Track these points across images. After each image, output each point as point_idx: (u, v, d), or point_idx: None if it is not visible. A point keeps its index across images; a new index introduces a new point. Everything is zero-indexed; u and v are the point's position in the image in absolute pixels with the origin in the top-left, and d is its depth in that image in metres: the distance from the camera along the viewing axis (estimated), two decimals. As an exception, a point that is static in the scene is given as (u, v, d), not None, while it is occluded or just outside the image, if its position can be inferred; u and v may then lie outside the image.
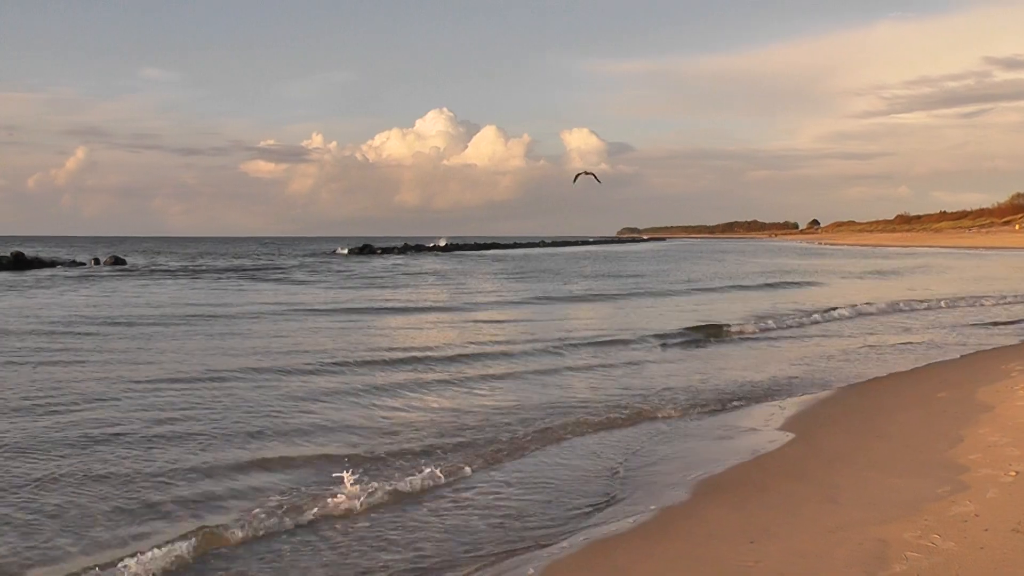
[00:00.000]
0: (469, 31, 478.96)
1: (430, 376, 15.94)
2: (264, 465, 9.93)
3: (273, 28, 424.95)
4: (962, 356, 18.84)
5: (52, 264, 62.29)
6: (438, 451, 10.68)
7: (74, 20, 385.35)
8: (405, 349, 19.37)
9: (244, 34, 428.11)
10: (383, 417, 12.54)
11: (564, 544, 7.86)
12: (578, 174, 22.79)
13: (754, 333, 23.03)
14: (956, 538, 7.19)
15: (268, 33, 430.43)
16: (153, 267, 65.23)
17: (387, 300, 34.24)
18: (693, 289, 41.21)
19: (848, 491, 8.86)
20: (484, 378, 15.89)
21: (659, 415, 12.94)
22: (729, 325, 23.75)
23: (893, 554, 6.95)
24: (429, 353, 18.56)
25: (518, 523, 8.44)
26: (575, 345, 20.22)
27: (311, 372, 16.09)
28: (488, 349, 19.38)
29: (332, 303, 32.09)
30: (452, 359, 17.81)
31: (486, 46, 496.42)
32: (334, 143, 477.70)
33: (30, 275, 50.38)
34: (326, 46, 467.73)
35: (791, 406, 13.84)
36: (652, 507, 8.80)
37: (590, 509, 8.87)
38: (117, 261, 67.83)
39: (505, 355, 18.56)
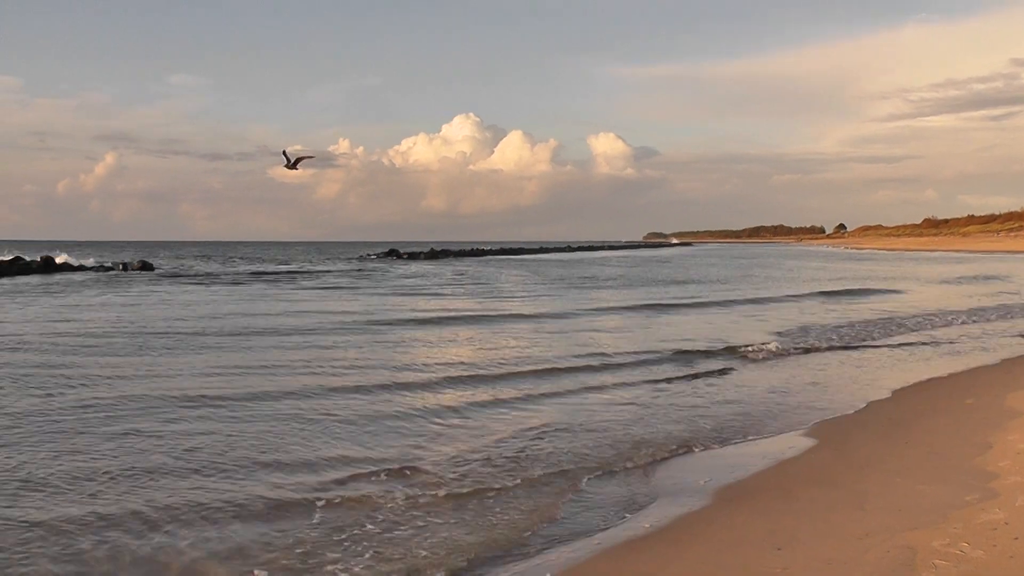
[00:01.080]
0: (494, 36, 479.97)
1: (474, 397, 15.20)
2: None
3: (299, 33, 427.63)
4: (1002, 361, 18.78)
5: (80, 268, 62.86)
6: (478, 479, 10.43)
7: (102, 26, 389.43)
8: (452, 364, 18.58)
9: (271, 39, 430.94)
10: (425, 449, 12.18)
11: (582, 549, 7.83)
12: (288, 161, 21.36)
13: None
14: (985, 546, 7.11)
15: (294, 38, 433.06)
16: (181, 271, 65.61)
17: (431, 310, 32.56)
18: (787, 296, 40.10)
19: (876, 498, 8.78)
20: (523, 399, 15.00)
21: (695, 447, 11.83)
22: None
23: (921, 562, 6.88)
24: (477, 371, 17.67)
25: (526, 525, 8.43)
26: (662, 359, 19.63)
27: (352, 391, 15.25)
28: (528, 368, 18.14)
29: (370, 312, 30.80)
30: (499, 378, 16.93)
31: (512, 51, 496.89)
32: (361, 148, 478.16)
33: (60, 279, 50.86)
34: (352, 51, 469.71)
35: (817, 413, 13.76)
36: (676, 512, 8.75)
37: (611, 516, 8.82)
38: (145, 266, 68.13)
39: (551, 372, 17.71)
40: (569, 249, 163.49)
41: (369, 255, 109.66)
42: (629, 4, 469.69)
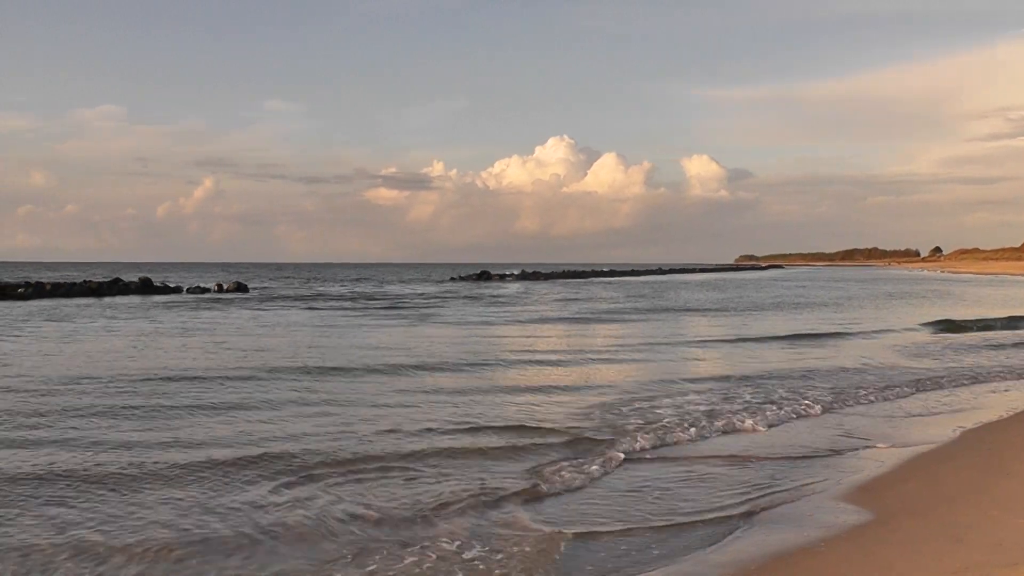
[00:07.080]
0: (589, 59, 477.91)
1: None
2: None
3: (391, 57, 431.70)
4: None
5: (177, 290, 64.47)
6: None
7: (197, 56, 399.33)
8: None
9: (362, 64, 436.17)
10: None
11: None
12: None
13: None
14: (1088, 583, 6.94)
15: (387, 62, 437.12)
16: (316, 295, 66.38)
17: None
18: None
19: (973, 531, 8.58)
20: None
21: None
22: None
23: (1020, 597, 6.75)
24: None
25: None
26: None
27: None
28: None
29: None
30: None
31: (606, 73, 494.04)
32: (455, 170, 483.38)
33: (158, 300, 52.27)
34: (445, 73, 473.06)
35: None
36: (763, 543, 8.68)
37: (706, 541, 8.78)
38: (240, 287, 69.38)
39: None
40: (660, 272, 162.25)
41: (458, 277, 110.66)
42: (722, 27, 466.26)
